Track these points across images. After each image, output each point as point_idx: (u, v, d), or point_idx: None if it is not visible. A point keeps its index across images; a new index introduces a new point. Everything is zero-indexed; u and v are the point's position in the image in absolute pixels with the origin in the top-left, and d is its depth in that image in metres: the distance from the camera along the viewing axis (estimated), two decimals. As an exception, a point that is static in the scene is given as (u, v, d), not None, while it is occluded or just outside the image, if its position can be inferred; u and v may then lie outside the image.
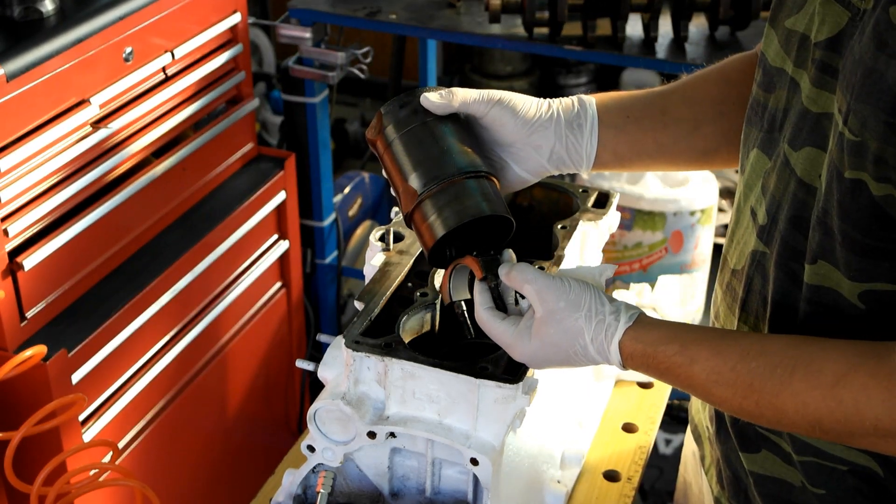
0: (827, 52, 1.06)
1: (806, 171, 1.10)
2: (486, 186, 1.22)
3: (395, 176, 1.25)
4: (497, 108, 1.26)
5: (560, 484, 1.42)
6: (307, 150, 2.75)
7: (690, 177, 2.66)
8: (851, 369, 1.02)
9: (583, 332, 1.15)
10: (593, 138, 1.29)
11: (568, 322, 1.15)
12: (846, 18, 1.04)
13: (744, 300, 1.23)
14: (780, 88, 1.15)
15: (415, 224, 1.24)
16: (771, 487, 1.24)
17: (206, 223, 2.27)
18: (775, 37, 1.16)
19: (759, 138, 1.19)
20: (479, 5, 2.53)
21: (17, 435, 1.60)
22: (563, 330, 1.16)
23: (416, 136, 1.23)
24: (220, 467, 2.48)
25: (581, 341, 1.16)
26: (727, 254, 1.28)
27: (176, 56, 2.12)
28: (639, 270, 2.64)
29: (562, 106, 1.29)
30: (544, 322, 1.16)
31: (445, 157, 1.22)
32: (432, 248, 1.22)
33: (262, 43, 4.06)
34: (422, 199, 1.21)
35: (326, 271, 2.92)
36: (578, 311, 1.15)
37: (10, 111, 1.76)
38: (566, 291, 1.16)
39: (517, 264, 1.21)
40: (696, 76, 1.36)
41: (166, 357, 2.17)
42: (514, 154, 1.29)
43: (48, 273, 1.92)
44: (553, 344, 1.17)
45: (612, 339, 1.15)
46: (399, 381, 1.23)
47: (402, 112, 1.25)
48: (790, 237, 1.13)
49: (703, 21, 2.44)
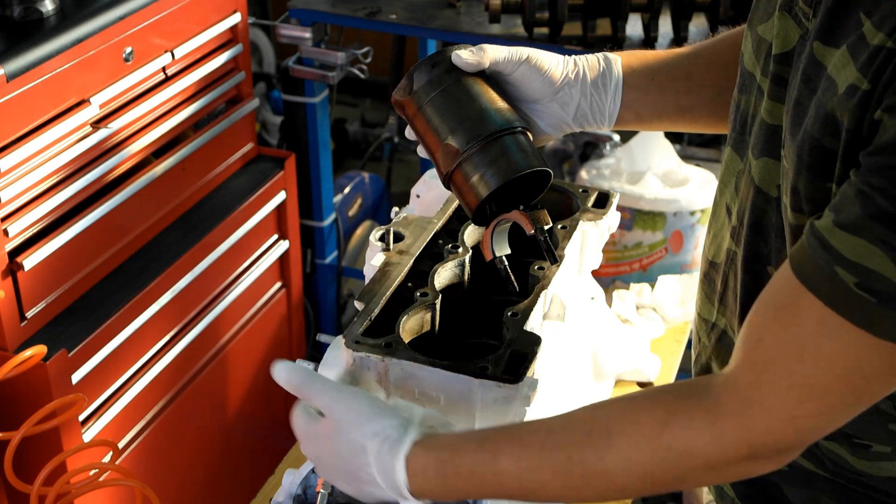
0: (780, 65, 1.07)
1: (763, 180, 1.10)
2: (523, 142, 1.24)
3: (430, 136, 1.26)
4: (525, 66, 1.27)
5: (560, 484, 1.42)
6: (307, 150, 2.75)
7: (690, 177, 2.66)
8: (671, 413, 0.99)
9: (366, 449, 1.07)
10: (617, 98, 1.30)
11: (354, 434, 1.08)
12: (797, 35, 1.04)
13: (721, 294, 1.23)
14: (750, 93, 1.15)
15: (455, 184, 1.25)
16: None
17: (206, 223, 2.27)
18: (750, 40, 1.16)
19: (732, 137, 1.19)
20: (479, 5, 2.53)
21: (17, 435, 1.60)
22: (347, 442, 1.08)
23: (452, 94, 1.24)
24: (220, 467, 2.47)
25: (363, 458, 1.07)
26: (706, 244, 1.28)
27: (176, 56, 2.12)
28: (639, 270, 2.64)
29: (588, 64, 1.30)
30: (331, 428, 1.10)
31: (484, 115, 1.23)
32: (477, 207, 1.24)
33: (262, 43, 4.06)
34: (464, 157, 1.22)
35: (326, 271, 2.92)
36: (367, 425, 1.07)
37: (10, 111, 1.76)
38: (357, 401, 1.09)
39: (307, 374, 1.14)
40: (722, 39, 1.35)
41: (166, 357, 2.17)
42: (538, 111, 1.30)
43: (48, 273, 1.92)
44: (336, 454, 1.10)
45: (398, 452, 1.05)
46: (399, 381, 1.23)
47: (435, 72, 1.26)
48: (752, 241, 1.14)
49: (703, 21, 2.44)
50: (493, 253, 1.30)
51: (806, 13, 1.02)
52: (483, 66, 1.25)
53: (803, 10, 1.03)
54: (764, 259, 1.12)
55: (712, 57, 1.33)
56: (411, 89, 1.27)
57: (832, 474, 1.17)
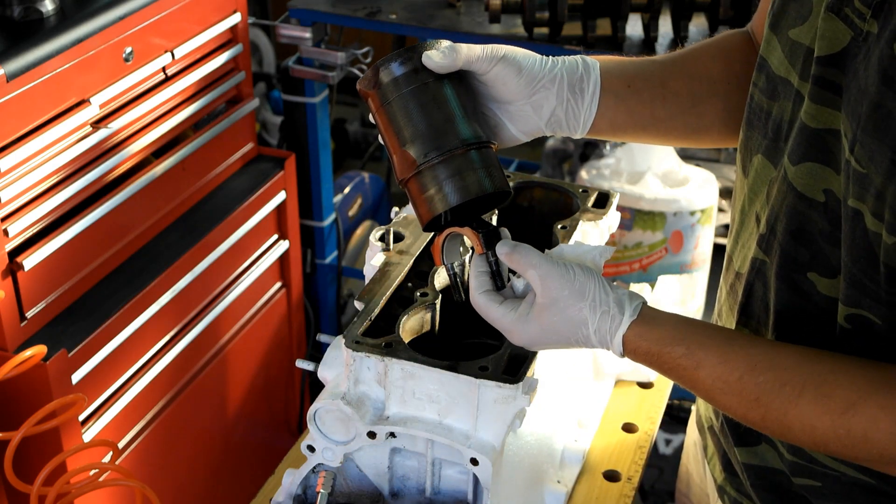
0: (827, 68, 1.04)
1: (807, 185, 1.08)
2: (487, 157, 1.19)
3: (391, 138, 1.20)
4: (501, 65, 1.20)
5: (560, 484, 1.42)
6: (307, 150, 2.75)
7: (690, 177, 2.66)
8: (861, 399, 1.01)
9: (586, 323, 1.14)
10: (594, 105, 1.26)
11: (571, 311, 1.13)
12: (848, 37, 1.02)
13: (744, 304, 1.22)
14: (785, 99, 1.13)
15: (410, 192, 1.20)
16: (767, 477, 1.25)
17: (206, 223, 2.27)
18: (778, 45, 1.14)
19: (763, 145, 1.17)
20: (479, 5, 2.53)
21: (17, 435, 1.60)
22: (566, 318, 1.14)
23: (417, 98, 1.17)
24: (220, 467, 2.48)
25: (584, 331, 1.14)
26: (732, 254, 1.27)
27: (176, 56, 2.12)
28: (639, 270, 2.64)
29: (566, 66, 1.24)
30: (546, 309, 1.14)
31: (447, 126, 1.17)
32: (429, 221, 1.20)
33: (262, 43, 4.06)
34: (421, 168, 1.17)
35: (326, 271, 2.92)
36: (582, 301, 1.13)
37: (10, 111, 1.76)
38: (570, 279, 1.13)
39: (519, 246, 1.17)
40: (696, 49, 1.34)
41: (166, 357, 2.18)
42: (511, 113, 1.24)
43: (48, 273, 1.92)
44: (554, 331, 1.15)
45: (616, 332, 1.13)
46: (399, 381, 1.23)
47: (402, 70, 1.18)
48: (791, 248, 1.12)
49: (703, 21, 2.44)
50: (444, 260, 1.25)
51: (863, 14, 1.00)
52: (454, 69, 1.18)
53: (859, 10, 1.00)
54: (804, 266, 1.11)
55: (687, 66, 1.31)
56: (377, 83, 1.19)
57: (879, 479, 1.16)
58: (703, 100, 1.30)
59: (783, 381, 1.05)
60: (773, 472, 1.24)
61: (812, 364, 1.06)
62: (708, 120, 1.31)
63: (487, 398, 1.21)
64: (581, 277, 1.14)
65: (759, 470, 1.25)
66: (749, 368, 1.07)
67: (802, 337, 1.14)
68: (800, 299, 1.13)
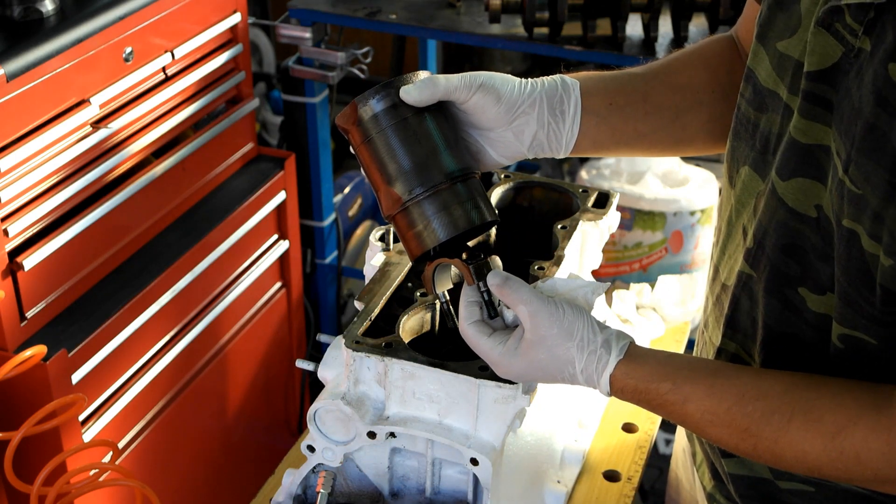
0: (817, 84, 1.03)
1: (798, 201, 1.08)
2: (472, 189, 1.18)
3: (375, 175, 1.19)
4: (479, 93, 1.19)
5: (560, 484, 1.42)
6: (307, 150, 2.75)
7: (690, 177, 2.66)
8: (851, 422, 1.01)
9: (573, 362, 1.13)
10: (575, 126, 1.24)
11: (559, 350, 1.13)
12: (839, 53, 1.01)
13: (729, 317, 1.22)
14: (774, 112, 1.12)
15: (398, 228, 1.20)
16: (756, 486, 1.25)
17: (206, 223, 2.27)
18: (766, 56, 1.13)
19: (750, 157, 1.16)
20: (479, 5, 2.53)
21: (17, 435, 1.60)
22: (554, 357, 1.14)
23: (398, 134, 1.16)
24: (220, 467, 2.48)
25: (570, 370, 1.14)
26: (718, 265, 1.25)
27: (176, 56, 2.12)
28: (639, 270, 2.64)
29: (545, 89, 1.23)
30: (534, 345, 1.14)
31: (431, 160, 1.16)
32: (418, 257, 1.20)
33: (262, 43, 4.06)
34: (408, 205, 1.17)
35: (326, 271, 2.92)
36: (570, 341, 1.13)
37: (10, 111, 1.76)
38: (560, 318, 1.13)
39: (510, 279, 1.16)
40: (676, 59, 1.32)
41: (166, 357, 2.18)
42: (492, 139, 1.23)
43: (48, 273, 1.92)
44: (541, 368, 1.15)
45: (602, 372, 1.13)
46: (399, 381, 1.23)
47: (380, 105, 1.17)
48: (781, 263, 1.11)
49: (703, 21, 2.44)
50: (434, 290, 1.24)
51: (854, 30, 0.99)
52: (433, 101, 1.17)
53: (851, 26, 0.99)
54: (795, 281, 1.11)
55: (668, 78, 1.30)
56: (356, 119, 1.18)
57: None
58: (686, 111, 1.29)
59: (772, 410, 1.05)
60: (760, 481, 1.23)
61: (800, 390, 1.06)
62: (692, 130, 1.31)
63: (487, 398, 1.21)
64: (570, 316, 1.14)
65: (746, 480, 1.25)
66: (737, 399, 1.07)
67: (793, 353, 1.13)
68: (790, 314, 1.12)
